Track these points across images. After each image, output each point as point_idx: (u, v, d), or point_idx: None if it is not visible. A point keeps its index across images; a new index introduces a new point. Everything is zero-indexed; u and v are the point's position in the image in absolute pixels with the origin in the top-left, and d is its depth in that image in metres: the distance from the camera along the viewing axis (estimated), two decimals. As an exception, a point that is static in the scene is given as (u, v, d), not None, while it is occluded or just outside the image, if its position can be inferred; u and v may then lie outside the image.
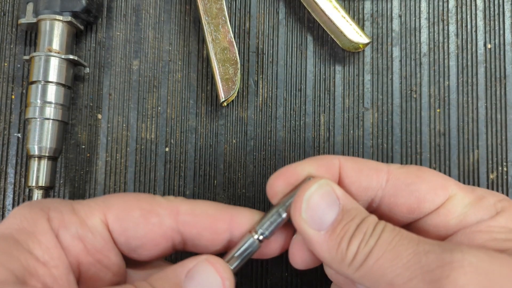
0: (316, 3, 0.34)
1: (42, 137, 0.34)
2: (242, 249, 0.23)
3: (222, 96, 0.34)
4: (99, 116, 0.37)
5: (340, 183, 0.25)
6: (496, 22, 0.36)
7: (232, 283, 0.22)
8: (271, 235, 0.24)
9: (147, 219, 0.23)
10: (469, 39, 0.36)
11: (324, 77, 0.36)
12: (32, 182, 0.33)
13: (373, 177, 0.25)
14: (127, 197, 0.24)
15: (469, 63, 0.36)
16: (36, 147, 0.33)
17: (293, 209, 0.24)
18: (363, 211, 0.24)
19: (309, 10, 0.35)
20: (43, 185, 0.33)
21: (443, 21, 0.36)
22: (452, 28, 0.36)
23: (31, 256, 0.21)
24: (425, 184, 0.25)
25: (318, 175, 0.25)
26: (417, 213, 0.25)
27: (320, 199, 0.24)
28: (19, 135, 0.36)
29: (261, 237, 0.23)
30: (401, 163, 0.35)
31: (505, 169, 0.35)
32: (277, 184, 0.25)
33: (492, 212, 0.24)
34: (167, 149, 0.36)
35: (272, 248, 0.26)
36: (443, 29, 0.36)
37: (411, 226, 0.26)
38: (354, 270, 0.22)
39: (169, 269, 0.22)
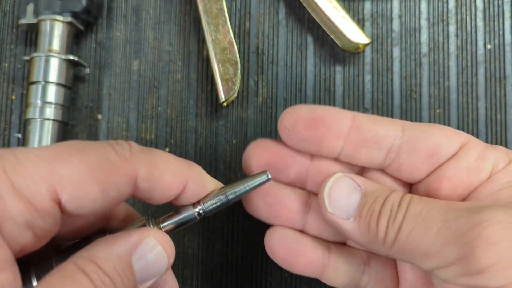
0: (316, 3, 0.34)
1: (42, 137, 0.34)
2: (180, 218, 0.24)
3: (222, 96, 0.34)
4: (99, 116, 0.37)
5: (354, 131, 0.26)
6: (496, 23, 0.36)
7: (173, 260, 0.23)
8: (211, 213, 0.25)
9: (106, 193, 0.20)
10: (469, 40, 0.36)
11: (324, 77, 0.36)
12: (32, 182, 0.33)
13: (389, 126, 0.26)
14: (78, 164, 0.20)
15: (469, 63, 0.36)
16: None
17: (319, 207, 0.25)
18: (386, 189, 0.24)
19: (309, 10, 0.36)
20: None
21: (443, 21, 0.36)
22: (452, 28, 0.36)
23: None
24: (440, 131, 0.25)
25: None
26: (436, 157, 0.25)
27: (340, 189, 0.25)
28: (20, 135, 0.36)
29: (201, 212, 0.24)
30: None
31: (505, 169, 0.35)
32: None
33: (506, 160, 0.25)
34: (167, 150, 0.36)
35: None
36: (443, 30, 0.36)
37: (432, 180, 0.26)
38: (388, 247, 0.23)
39: (114, 244, 0.21)
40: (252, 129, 0.36)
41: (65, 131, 0.36)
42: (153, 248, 0.22)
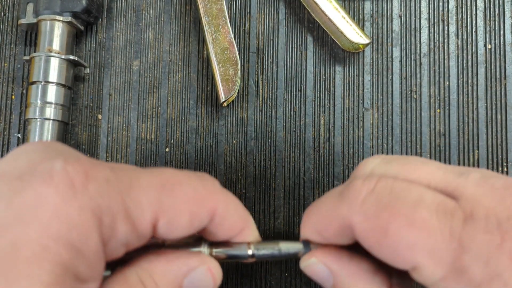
0: (316, 3, 0.34)
1: (42, 137, 0.34)
2: (233, 253, 0.25)
3: (222, 96, 0.34)
4: (99, 116, 0.37)
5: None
6: (496, 23, 0.36)
7: None
8: (260, 260, 0.25)
9: (192, 223, 0.22)
10: (469, 40, 0.36)
11: (324, 77, 0.36)
12: (32, 183, 0.33)
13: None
14: (178, 194, 0.22)
15: (469, 63, 0.36)
16: (36, 147, 0.33)
17: None
18: None
19: (309, 11, 0.36)
20: (43, 185, 0.33)
21: (443, 21, 0.36)
22: (452, 28, 0.36)
23: (76, 280, 0.18)
24: (388, 248, 0.20)
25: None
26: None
27: None
28: (19, 135, 0.36)
29: (254, 254, 0.25)
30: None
31: (505, 169, 0.35)
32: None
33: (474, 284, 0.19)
34: (167, 150, 0.36)
35: None
36: (443, 30, 0.36)
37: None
38: None
39: (173, 263, 0.23)
40: (252, 129, 0.36)
41: (65, 131, 0.36)
42: (205, 277, 0.23)
